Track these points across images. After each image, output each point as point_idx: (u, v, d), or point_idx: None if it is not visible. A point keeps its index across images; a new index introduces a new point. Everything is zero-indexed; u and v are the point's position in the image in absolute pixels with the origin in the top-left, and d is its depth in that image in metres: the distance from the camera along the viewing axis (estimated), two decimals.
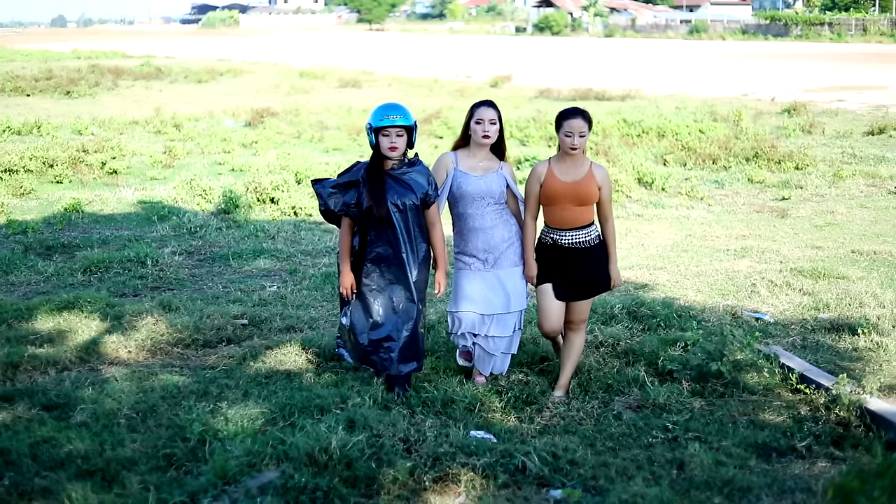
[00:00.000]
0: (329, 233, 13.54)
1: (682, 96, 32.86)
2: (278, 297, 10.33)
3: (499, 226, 7.48)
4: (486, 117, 7.39)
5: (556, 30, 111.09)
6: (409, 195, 7.24)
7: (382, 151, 7.22)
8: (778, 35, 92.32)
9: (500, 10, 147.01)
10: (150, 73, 45.30)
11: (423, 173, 7.36)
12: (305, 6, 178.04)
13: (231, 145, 22.13)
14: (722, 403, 7.27)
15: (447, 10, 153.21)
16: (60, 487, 5.74)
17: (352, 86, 40.44)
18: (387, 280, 7.30)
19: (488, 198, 7.44)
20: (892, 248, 12.08)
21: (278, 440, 6.12)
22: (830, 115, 26.93)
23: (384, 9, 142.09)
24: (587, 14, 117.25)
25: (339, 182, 7.34)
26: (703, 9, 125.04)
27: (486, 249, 7.46)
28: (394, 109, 7.27)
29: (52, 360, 8.07)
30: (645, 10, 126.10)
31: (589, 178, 7.24)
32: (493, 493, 5.78)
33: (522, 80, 41.45)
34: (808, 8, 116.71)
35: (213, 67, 49.76)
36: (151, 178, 18.29)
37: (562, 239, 7.31)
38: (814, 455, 6.39)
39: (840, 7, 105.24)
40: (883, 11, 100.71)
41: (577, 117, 7.17)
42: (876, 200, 15.58)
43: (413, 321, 7.30)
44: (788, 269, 11.10)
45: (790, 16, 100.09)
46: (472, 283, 7.50)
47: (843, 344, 8.59)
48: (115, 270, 11.28)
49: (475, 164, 7.47)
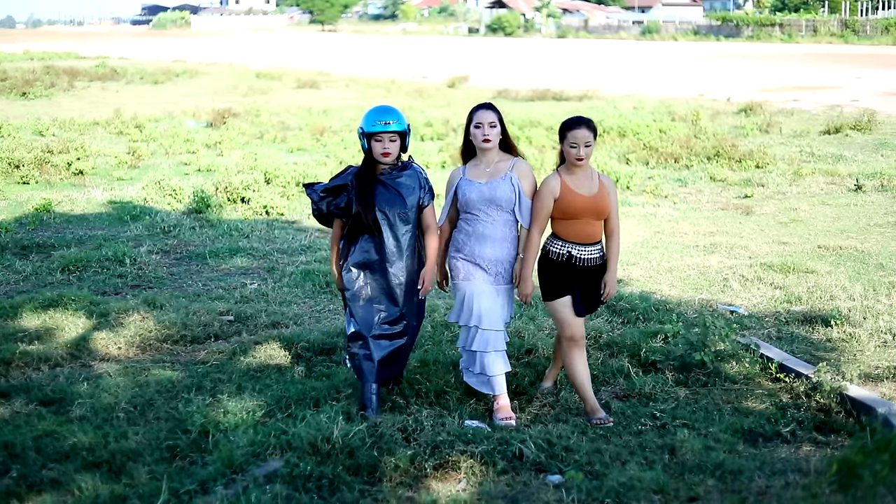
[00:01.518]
0: (303, 231, 13.69)
1: (638, 96, 33.19)
2: (260, 294, 10.46)
3: (507, 240, 7.16)
4: (485, 121, 7.12)
5: (509, 31, 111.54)
6: (399, 202, 7.04)
7: (375, 157, 7.04)
8: (729, 36, 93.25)
9: (452, 10, 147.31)
10: (106, 74, 45.05)
11: (415, 177, 7.15)
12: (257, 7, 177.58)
13: (195, 146, 22.14)
14: (706, 392, 7.52)
15: (399, 11, 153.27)
16: (69, 479, 5.87)
17: (309, 86, 40.45)
18: (371, 288, 7.09)
19: (493, 205, 7.09)
20: (856, 244, 12.38)
21: (280, 430, 6.26)
22: (786, 114, 27.34)
23: (336, 10, 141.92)
24: (540, 15, 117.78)
25: (330, 186, 7.16)
26: (655, 10, 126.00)
27: (491, 261, 7.12)
28: (387, 113, 7.05)
29: (45, 357, 8.19)
30: (597, 10, 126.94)
31: (602, 190, 7.02)
32: (492, 479, 5.96)
33: (479, 81, 41.67)
34: (758, 9, 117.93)
35: (169, 68, 49.55)
36: (118, 178, 18.30)
37: (580, 254, 6.99)
38: (798, 440, 6.66)
39: (790, 8, 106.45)
40: (832, 12, 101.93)
41: (581, 127, 6.93)
42: (837, 198, 15.90)
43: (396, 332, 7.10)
44: (758, 264, 11.37)
45: (741, 17, 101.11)
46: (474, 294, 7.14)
47: (816, 335, 8.85)
48: (94, 269, 11.34)
49: (481, 172, 7.17)
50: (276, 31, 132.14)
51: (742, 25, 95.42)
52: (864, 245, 12.30)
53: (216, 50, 74.93)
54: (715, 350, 7.94)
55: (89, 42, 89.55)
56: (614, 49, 77.33)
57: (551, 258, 7.07)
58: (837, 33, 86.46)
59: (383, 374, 7.12)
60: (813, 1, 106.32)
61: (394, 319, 7.10)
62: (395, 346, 7.12)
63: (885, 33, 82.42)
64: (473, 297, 7.12)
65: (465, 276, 7.18)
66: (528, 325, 8.99)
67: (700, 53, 67.43)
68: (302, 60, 59.35)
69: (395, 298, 7.09)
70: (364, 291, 7.10)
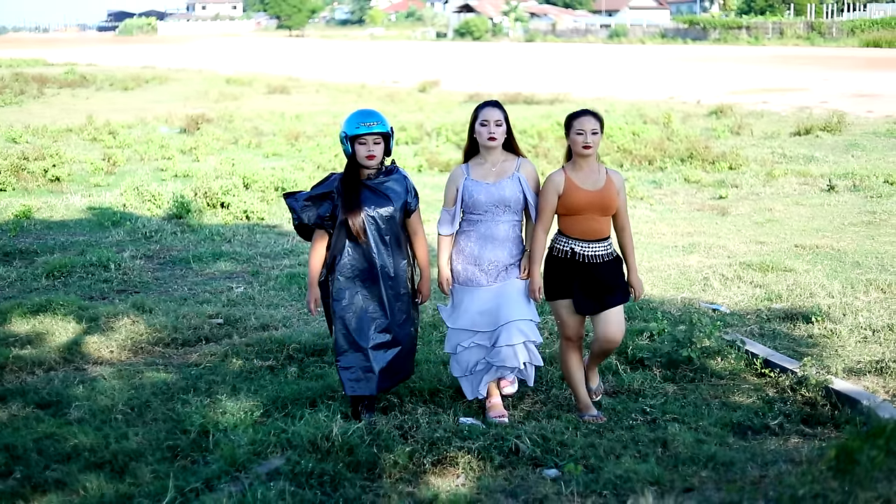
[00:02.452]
0: (284, 236, 13.78)
1: (609, 100, 33.41)
2: (247, 297, 10.55)
3: (510, 240, 7.06)
4: (491, 118, 6.98)
5: (477, 35, 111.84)
6: (386, 206, 6.89)
7: (359, 160, 6.88)
8: (697, 39, 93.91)
9: (419, 15, 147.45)
10: (76, 80, 44.87)
11: (401, 181, 7.02)
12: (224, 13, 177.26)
13: (170, 152, 22.19)
14: (693, 388, 7.69)
15: (367, 16, 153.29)
16: (73, 479, 5.96)
17: (280, 92, 40.49)
18: (362, 296, 6.93)
19: (502, 206, 6.99)
20: (832, 242, 12.59)
21: (280, 429, 6.38)
22: (756, 116, 27.62)
23: (304, 15, 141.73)
24: (508, 19, 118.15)
25: (313, 194, 6.98)
26: (623, 13, 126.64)
27: (492, 262, 7.01)
28: (370, 116, 6.89)
29: (38, 361, 8.26)
30: (565, 14, 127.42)
31: (609, 185, 6.91)
32: (490, 473, 6.10)
33: (450, 85, 41.78)
34: (724, 12, 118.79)
35: (139, 75, 49.43)
36: (95, 184, 18.33)
37: (584, 250, 6.89)
38: (786, 432, 6.84)
39: (756, 11, 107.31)
40: (798, 15, 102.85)
41: (587, 115, 6.87)
42: (810, 198, 16.13)
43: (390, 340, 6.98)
44: (737, 263, 11.55)
45: (708, 20, 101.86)
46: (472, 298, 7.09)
47: (798, 332, 9.03)
48: (79, 275, 11.40)
49: (487, 171, 7.05)
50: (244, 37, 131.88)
51: (709, 28, 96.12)
52: (840, 244, 12.52)
53: (184, 56, 74.73)
54: (701, 347, 8.11)
55: (56, 49, 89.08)
56: (582, 53, 77.67)
57: (555, 255, 7.01)
58: (804, 35, 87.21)
59: (383, 385, 7.01)
60: (779, 3, 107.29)
61: (388, 327, 6.97)
62: (393, 354, 7.00)
63: (851, 35, 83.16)
64: (464, 301, 7.10)
65: (463, 280, 7.11)
66: None
67: (668, 56, 67.84)
68: (271, 66, 59.30)
69: (389, 306, 6.95)
70: (356, 301, 6.95)
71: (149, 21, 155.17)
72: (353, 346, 6.95)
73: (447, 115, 28.80)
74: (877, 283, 10.50)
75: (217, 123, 27.53)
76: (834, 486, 4.06)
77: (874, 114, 27.62)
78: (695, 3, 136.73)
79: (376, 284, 6.92)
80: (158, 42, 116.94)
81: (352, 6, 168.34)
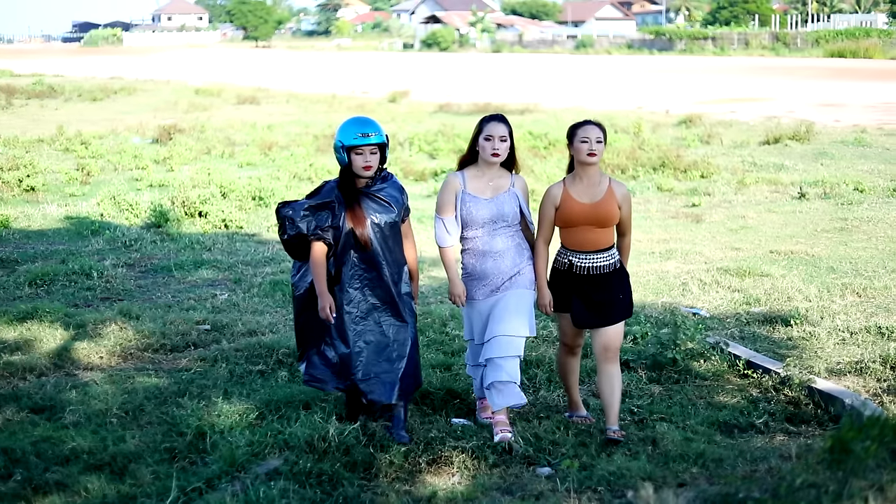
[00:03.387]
0: (264, 244, 13.86)
1: (578, 110, 33.60)
2: (231, 304, 10.63)
3: (511, 249, 6.90)
4: (496, 134, 6.79)
5: (444, 46, 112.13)
6: (389, 212, 6.74)
7: (355, 171, 6.67)
8: (663, 49, 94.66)
9: (386, 26, 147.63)
10: (44, 91, 44.71)
11: (398, 187, 6.89)
12: (189, 24, 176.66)
13: (144, 162, 22.17)
14: (678, 389, 7.87)
15: (333, 27, 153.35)
16: (74, 480, 6.05)
17: (250, 102, 40.49)
18: (370, 304, 6.73)
19: (500, 221, 6.87)
20: (806, 248, 12.82)
21: (276, 430, 6.50)
22: (725, 125, 27.92)
23: (270, 26, 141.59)
24: (475, 30, 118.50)
25: (312, 204, 6.74)
26: (589, 24, 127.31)
27: (495, 274, 6.87)
28: (366, 125, 6.68)
29: (29, 367, 8.31)
30: (531, 25, 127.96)
31: (609, 197, 6.80)
32: (485, 472, 6.24)
33: (420, 96, 41.94)
34: (689, 23, 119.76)
35: (107, 85, 49.27)
36: (70, 194, 18.33)
37: (580, 262, 6.82)
38: (771, 430, 7.03)
39: (721, 21, 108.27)
40: (763, 26, 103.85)
41: (591, 124, 6.81)
42: (782, 205, 16.36)
43: (408, 344, 6.78)
44: (714, 269, 11.75)
45: (674, 30, 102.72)
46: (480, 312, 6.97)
47: (777, 334, 9.22)
48: (62, 283, 11.43)
49: (484, 186, 6.90)
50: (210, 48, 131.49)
51: (675, 39, 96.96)
52: (814, 250, 12.73)
53: (150, 67, 74.51)
54: (685, 349, 8.29)
55: (22, 60, 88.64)
56: (550, 63, 78.07)
57: (556, 267, 6.97)
58: (769, 46, 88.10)
59: (406, 389, 6.79)
60: (743, 14, 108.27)
61: (402, 329, 6.79)
62: (409, 356, 6.79)
63: (816, 46, 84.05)
64: (474, 315, 7.00)
65: (470, 295, 6.97)
66: None
67: (635, 67, 68.34)
68: (239, 77, 59.21)
69: (400, 310, 6.77)
70: (371, 310, 6.74)
71: (114, 32, 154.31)
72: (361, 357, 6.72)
73: (419, 124, 28.93)
74: (852, 286, 10.71)
75: (189, 134, 27.50)
76: (828, 475, 4.21)
77: (841, 123, 28.03)
78: (660, 14, 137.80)
79: (388, 291, 6.75)
80: (124, 53, 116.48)
81: (318, 17, 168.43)
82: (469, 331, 7.14)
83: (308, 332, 6.90)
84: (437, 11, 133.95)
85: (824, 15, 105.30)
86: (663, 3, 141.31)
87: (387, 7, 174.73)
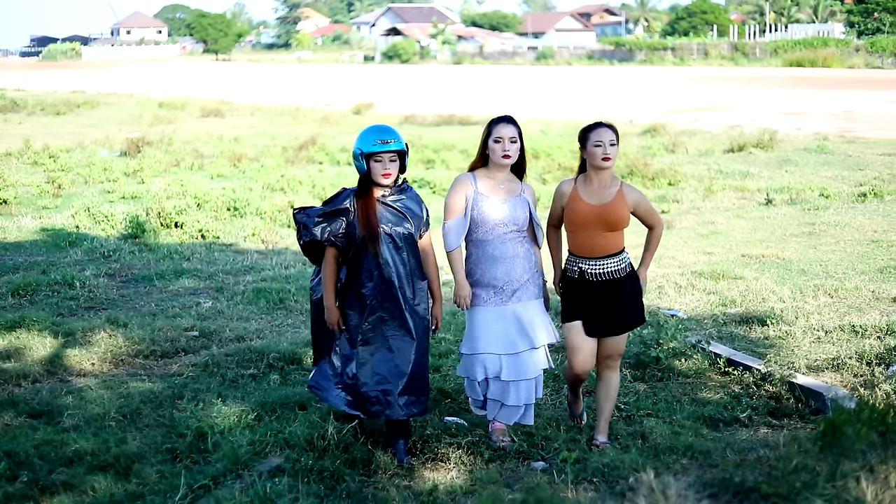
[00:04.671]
0: (242, 254, 14.00)
1: (543, 119, 33.89)
2: (216, 311, 10.76)
3: (520, 256, 6.81)
4: (505, 135, 6.72)
5: (405, 58, 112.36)
6: (404, 224, 6.58)
7: (374, 179, 6.53)
8: (623, 60, 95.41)
9: (346, 39, 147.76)
10: (6, 105, 44.55)
11: (416, 200, 6.75)
12: (149, 37, 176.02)
13: (114, 174, 22.21)
14: (662, 386, 8.11)
15: (293, 40, 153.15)
16: (80, 480, 6.18)
17: (214, 115, 40.53)
18: (378, 316, 6.56)
19: (511, 224, 6.78)
20: (777, 252, 13.11)
21: (276, 430, 6.68)
22: (689, 134, 28.30)
23: (230, 39, 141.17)
24: (435, 42, 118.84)
25: (326, 210, 6.62)
26: (549, 35, 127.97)
27: (506, 280, 6.78)
28: (386, 133, 6.55)
29: (22, 374, 8.42)
30: (492, 37, 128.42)
31: (618, 200, 6.68)
32: (481, 467, 6.45)
33: (385, 107, 42.13)
34: (648, 34, 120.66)
35: (69, 99, 49.16)
36: (43, 207, 18.36)
37: (590, 269, 6.72)
38: (755, 424, 7.29)
39: (679, 32, 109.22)
40: (721, 36, 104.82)
41: (603, 127, 6.67)
42: (749, 211, 16.68)
43: (411, 362, 6.58)
44: (689, 273, 12.00)
45: (634, 41, 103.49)
46: (488, 320, 6.83)
47: (754, 334, 9.47)
48: (45, 293, 11.52)
49: (496, 187, 6.81)
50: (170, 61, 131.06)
51: (635, 50, 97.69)
52: (785, 253, 13.03)
53: (111, 80, 74.20)
54: (667, 348, 8.53)
55: None
56: (511, 74, 78.47)
57: (567, 276, 6.87)
58: (728, 56, 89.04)
59: (405, 407, 6.60)
60: (702, 25, 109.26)
61: (407, 346, 6.59)
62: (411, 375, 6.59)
63: (774, 55, 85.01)
64: (481, 323, 6.83)
65: (475, 301, 6.86)
66: None
67: (597, 77, 68.83)
68: (201, 90, 59.15)
69: (409, 326, 6.58)
70: (378, 322, 6.58)
71: (73, 46, 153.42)
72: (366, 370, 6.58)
73: None
74: (824, 287, 10.98)
75: (157, 146, 27.52)
76: (821, 458, 4.43)
77: (803, 131, 28.49)
78: (619, 25, 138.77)
79: (397, 304, 6.56)
80: (84, 67, 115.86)
81: (278, 30, 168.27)
82: (469, 340, 6.92)
83: (321, 337, 6.84)
84: (398, 24, 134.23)
85: (782, 25, 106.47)
86: (622, 15, 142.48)
87: (347, 20, 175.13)
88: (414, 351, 6.60)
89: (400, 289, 6.55)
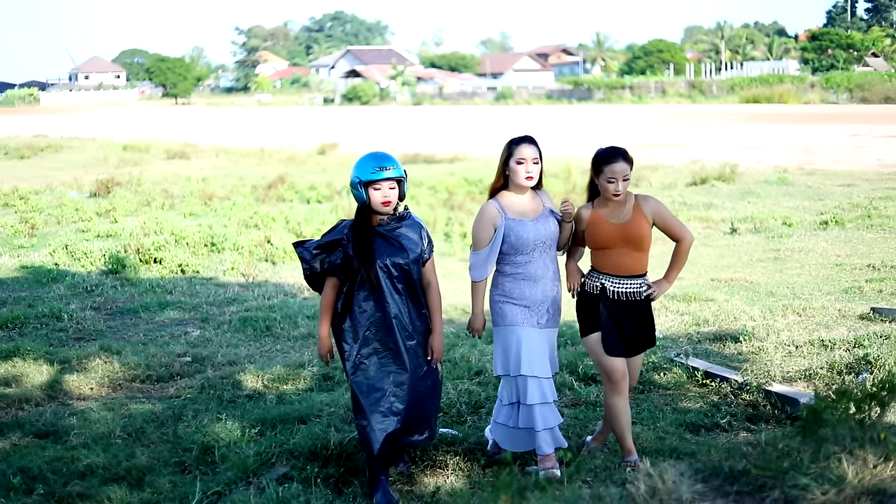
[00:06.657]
0: (223, 287, 14.27)
1: None
2: (205, 339, 11.05)
3: (550, 273, 6.78)
4: (528, 156, 6.67)
5: (365, 100, 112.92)
6: (400, 254, 6.46)
7: (374, 207, 6.41)
8: (582, 99, 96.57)
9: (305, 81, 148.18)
10: None
11: (416, 228, 6.59)
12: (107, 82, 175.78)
13: (87, 214, 22.42)
14: (644, 397, 8.47)
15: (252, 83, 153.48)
16: (95, 491, 6.47)
17: (179, 157, 40.69)
18: (372, 348, 6.48)
19: (548, 240, 6.74)
20: (745, 276, 13.57)
21: (281, 441, 7.00)
22: (651, 169, 28.83)
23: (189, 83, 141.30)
24: (395, 83, 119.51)
25: (323, 242, 6.57)
26: (507, 75, 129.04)
27: (542, 301, 6.74)
28: (384, 160, 6.41)
29: (24, 398, 8.67)
30: (451, 77, 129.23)
31: (636, 215, 6.71)
32: (478, 472, 6.79)
33: (348, 148, 42.48)
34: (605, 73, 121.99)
35: (32, 143, 49.14)
36: (19, 246, 18.52)
37: (614, 286, 6.72)
38: (735, 429, 7.66)
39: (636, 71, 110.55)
40: (678, 74, 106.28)
41: (618, 160, 6.61)
42: (716, 240, 17.17)
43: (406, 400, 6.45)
44: (662, 296, 12.35)
45: (592, 80, 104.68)
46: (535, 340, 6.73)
47: (728, 350, 9.86)
48: (33, 325, 11.74)
49: (525, 209, 6.73)
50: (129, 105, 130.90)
51: (594, 89, 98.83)
52: (752, 277, 13.48)
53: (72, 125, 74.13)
54: (647, 363, 8.91)
55: None
56: (471, 114, 79.07)
57: (587, 290, 6.84)
58: (685, 94, 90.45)
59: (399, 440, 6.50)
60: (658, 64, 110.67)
61: (404, 381, 6.46)
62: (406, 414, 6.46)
63: (731, 92, 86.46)
64: (522, 343, 6.69)
65: (511, 321, 6.73)
66: (472, 350, 9.80)
67: (556, 116, 69.57)
68: (164, 133, 59.32)
69: (404, 360, 6.46)
70: (372, 353, 6.50)
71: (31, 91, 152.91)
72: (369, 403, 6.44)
73: None
74: (792, 307, 11.39)
75: (126, 187, 27.70)
76: (803, 441, 4.80)
77: (762, 164, 29.15)
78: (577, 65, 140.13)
79: (391, 335, 6.45)
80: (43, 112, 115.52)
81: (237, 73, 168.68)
82: (503, 361, 6.80)
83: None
84: (357, 66, 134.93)
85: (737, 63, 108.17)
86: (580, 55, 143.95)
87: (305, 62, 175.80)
88: (409, 387, 6.46)
89: (395, 319, 6.45)
